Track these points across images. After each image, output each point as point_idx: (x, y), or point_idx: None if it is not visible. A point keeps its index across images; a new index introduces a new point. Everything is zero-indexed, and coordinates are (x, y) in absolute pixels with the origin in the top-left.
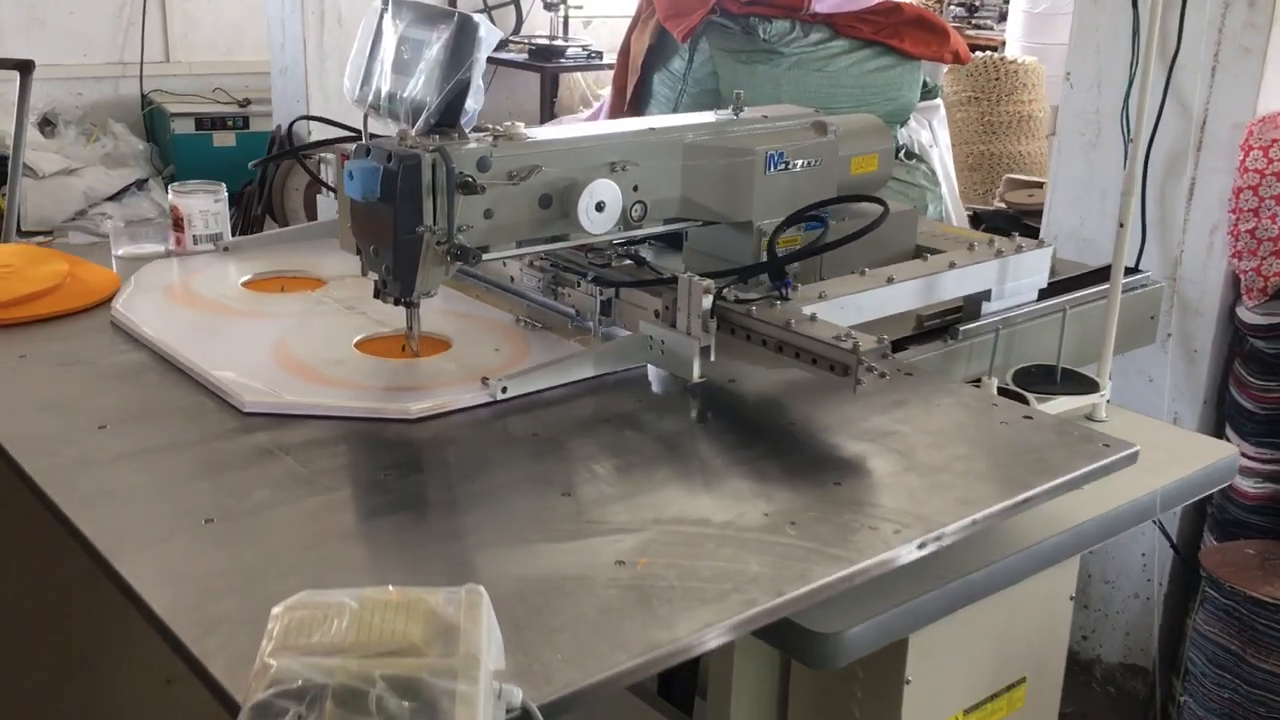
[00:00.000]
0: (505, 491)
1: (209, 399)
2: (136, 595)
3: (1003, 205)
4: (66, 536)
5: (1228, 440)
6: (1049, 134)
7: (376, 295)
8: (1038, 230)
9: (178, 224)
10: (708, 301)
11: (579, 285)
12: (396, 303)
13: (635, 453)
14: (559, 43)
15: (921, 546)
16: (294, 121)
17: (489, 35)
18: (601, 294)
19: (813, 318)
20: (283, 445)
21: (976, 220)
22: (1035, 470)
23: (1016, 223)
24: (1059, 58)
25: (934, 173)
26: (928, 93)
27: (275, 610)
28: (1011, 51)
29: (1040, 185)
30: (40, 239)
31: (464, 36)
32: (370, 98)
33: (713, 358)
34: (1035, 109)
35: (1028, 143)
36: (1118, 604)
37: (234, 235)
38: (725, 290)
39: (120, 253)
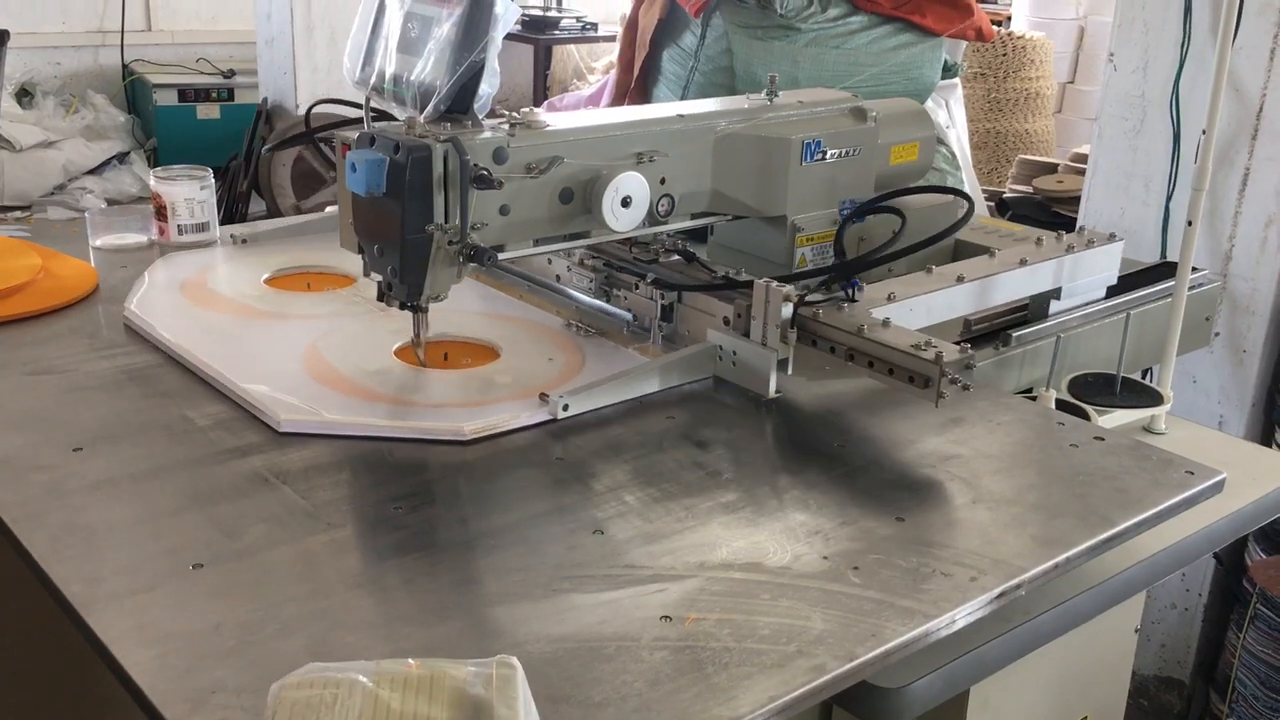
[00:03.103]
0: (528, 529)
1: (196, 414)
2: (113, 658)
3: (1026, 190)
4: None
5: (1277, 444)
6: (1055, 111)
7: (381, 298)
8: (1068, 218)
9: (160, 212)
10: (788, 310)
11: (636, 287)
12: (403, 307)
13: (671, 481)
14: (553, 13)
15: (1001, 597)
16: (313, 105)
17: (506, 11)
18: (663, 298)
19: (886, 323)
20: (279, 471)
21: (1002, 207)
22: (1116, 503)
23: (1045, 210)
24: (1066, 33)
25: (953, 155)
26: (947, 71)
27: (276, 688)
28: (1018, 26)
29: (1055, 167)
30: (17, 214)
31: (478, 12)
32: (373, 79)
33: (790, 370)
34: (1043, 86)
35: (1035, 120)
36: (1154, 614)
37: (219, 213)
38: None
39: (99, 243)
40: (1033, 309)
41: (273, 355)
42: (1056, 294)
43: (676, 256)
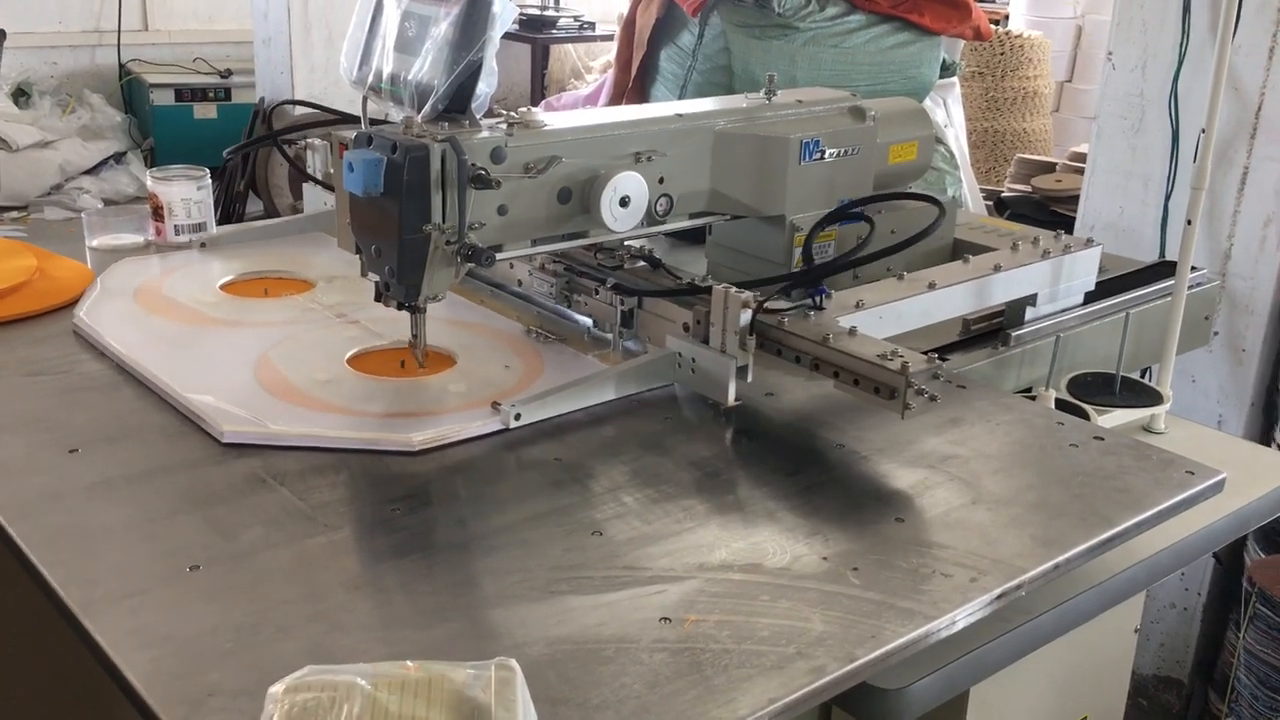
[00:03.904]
0: (527, 530)
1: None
2: (110, 661)
3: (1024, 189)
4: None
5: (1276, 444)
6: (1053, 110)
7: (378, 299)
8: (1067, 217)
9: (157, 212)
10: (746, 316)
11: (596, 293)
12: (400, 308)
13: (669, 482)
14: (550, 12)
15: (1001, 597)
16: (275, 105)
17: (504, 10)
18: (623, 304)
19: (852, 331)
20: (276, 473)
21: (1001, 206)
22: (1116, 503)
23: (1044, 210)
24: (1063, 32)
25: (952, 154)
26: (945, 70)
27: (274, 691)
28: (1015, 25)
29: (1053, 166)
30: (14, 214)
31: (476, 12)
32: (370, 79)
33: (750, 378)
34: (1040, 85)
35: (1032, 119)
36: (1153, 614)
37: (216, 213)
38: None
39: (95, 244)
40: (1008, 315)
41: (223, 364)
42: (1032, 301)
43: (642, 263)
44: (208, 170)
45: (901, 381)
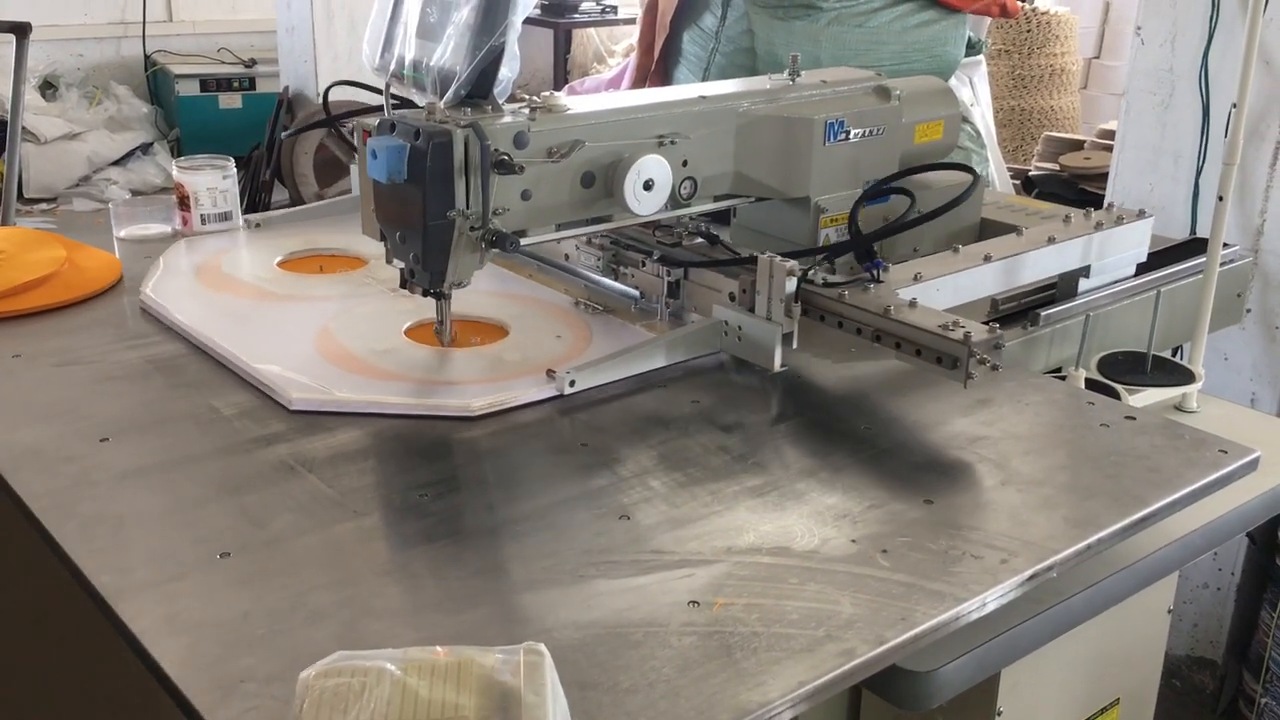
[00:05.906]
0: (555, 514)
1: (221, 403)
2: (142, 648)
3: (1052, 167)
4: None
5: None
6: (1081, 88)
7: (403, 285)
8: (1096, 195)
9: (183, 202)
10: (791, 284)
11: (644, 265)
12: (425, 294)
13: (696, 465)
14: None
15: (1032, 579)
16: (330, 86)
17: None
18: (670, 275)
19: (913, 303)
20: (305, 460)
21: (1029, 185)
22: (1148, 483)
23: (1072, 188)
24: (1091, 8)
25: (978, 133)
26: (971, 48)
27: (304, 676)
28: (1042, 2)
29: (1081, 143)
30: (44, 206)
31: None
32: (392, 66)
33: (795, 344)
34: (1068, 62)
35: (1060, 97)
36: (1186, 594)
37: (242, 203)
38: (810, 272)
39: (123, 234)
40: (1061, 288)
41: (285, 336)
42: (1085, 272)
43: (700, 240)
44: (233, 160)
45: (964, 351)
